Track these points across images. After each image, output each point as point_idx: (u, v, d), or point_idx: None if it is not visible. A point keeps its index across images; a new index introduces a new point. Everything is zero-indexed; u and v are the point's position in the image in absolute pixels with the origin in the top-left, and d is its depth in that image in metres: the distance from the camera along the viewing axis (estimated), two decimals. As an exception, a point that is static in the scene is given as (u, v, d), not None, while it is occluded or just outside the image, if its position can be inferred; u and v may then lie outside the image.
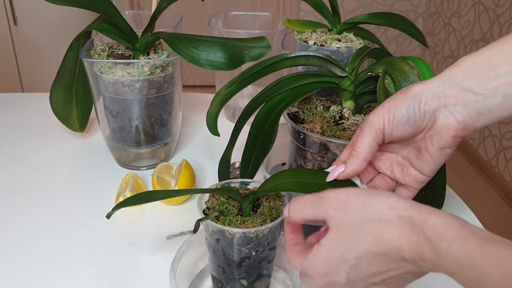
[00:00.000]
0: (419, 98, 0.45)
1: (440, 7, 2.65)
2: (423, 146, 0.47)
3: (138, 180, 0.78)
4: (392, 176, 0.51)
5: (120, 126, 0.80)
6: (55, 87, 0.85)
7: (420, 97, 0.45)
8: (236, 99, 0.98)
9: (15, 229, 0.70)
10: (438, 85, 0.45)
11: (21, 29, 2.13)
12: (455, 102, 0.44)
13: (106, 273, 0.63)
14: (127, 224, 0.71)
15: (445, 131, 0.45)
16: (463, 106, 0.44)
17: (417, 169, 0.49)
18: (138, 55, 0.77)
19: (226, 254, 0.51)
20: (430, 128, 0.46)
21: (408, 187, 0.50)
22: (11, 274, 0.62)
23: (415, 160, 0.49)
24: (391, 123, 0.46)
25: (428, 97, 0.45)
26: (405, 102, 0.45)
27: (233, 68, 0.67)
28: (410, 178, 0.49)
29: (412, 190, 0.50)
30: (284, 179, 0.50)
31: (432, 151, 0.46)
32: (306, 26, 0.86)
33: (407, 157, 0.50)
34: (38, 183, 0.80)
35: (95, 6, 0.72)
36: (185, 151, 0.91)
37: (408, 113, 0.45)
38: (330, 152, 0.61)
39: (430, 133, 0.46)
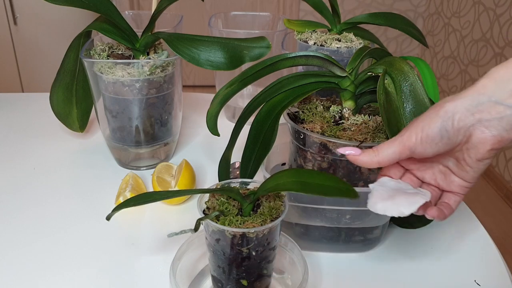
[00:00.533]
0: (452, 115, 0.45)
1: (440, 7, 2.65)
2: (460, 158, 0.48)
3: (138, 180, 0.78)
4: (437, 184, 0.52)
5: (120, 126, 0.80)
6: (55, 87, 0.85)
7: (453, 115, 0.45)
8: (236, 99, 0.98)
9: (15, 229, 0.70)
10: (471, 100, 0.45)
11: (21, 29, 2.13)
12: (489, 117, 0.44)
13: (106, 273, 0.63)
14: (127, 224, 0.71)
15: (481, 146, 0.45)
16: (497, 120, 0.44)
17: (459, 177, 0.49)
18: (138, 55, 0.78)
19: (226, 254, 0.51)
20: (466, 142, 0.46)
21: (455, 193, 0.51)
22: (11, 274, 0.62)
23: (455, 169, 0.49)
24: (424, 142, 0.47)
25: (461, 113, 0.45)
26: (438, 120, 0.46)
27: (233, 68, 0.67)
28: (454, 185, 0.50)
29: (459, 195, 0.51)
30: (284, 178, 0.50)
31: (470, 163, 0.47)
32: (306, 26, 0.86)
33: (448, 166, 0.50)
34: (38, 183, 0.80)
35: (95, 6, 0.72)
36: (185, 151, 0.91)
37: (441, 132, 0.46)
38: (330, 152, 0.61)
39: (466, 146, 0.46)
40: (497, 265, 0.66)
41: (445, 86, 2.59)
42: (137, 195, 0.52)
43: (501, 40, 2.10)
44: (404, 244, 0.69)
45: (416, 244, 0.69)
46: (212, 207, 0.52)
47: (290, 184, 0.49)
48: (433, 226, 0.72)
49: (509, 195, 2.02)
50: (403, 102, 0.56)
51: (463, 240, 0.70)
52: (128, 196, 0.73)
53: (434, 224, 0.72)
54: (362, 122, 0.62)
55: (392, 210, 0.47)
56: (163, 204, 0.75)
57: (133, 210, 0.74)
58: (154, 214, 0.73)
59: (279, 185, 0.49)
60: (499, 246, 0.70)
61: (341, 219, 0.64)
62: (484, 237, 0.71)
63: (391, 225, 0.71)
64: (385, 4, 2.80)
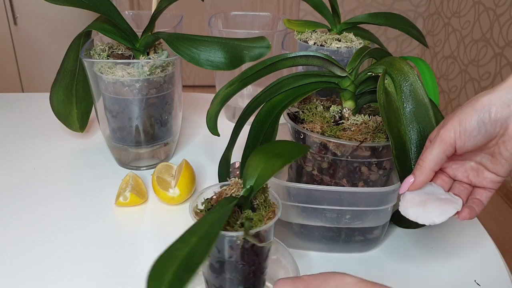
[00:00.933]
0: (488, 108, 0.47)
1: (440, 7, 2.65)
2: (496, 151, 0.49)
3: (138, 180, 0.78)
4: (469, 181, 0.53)
5: (120, 126, 0.80)
6: (55, 87, 0.85)
7: (489, 107, 0.47)
8: (236, 99, 0.98)
9: (15, 229, 0.70)
10: (506, 93, 0.46)
11: (21, 29, 2.13)
12: None
13: (106, 273, 0.63)
14: (127, 225, 0.71)
15: None
16: None
17: (492, 172, 0.51)
18: (138, 55, 0.78)
19: (235, 257, 0.49)
20: (502, 135, 0.47)
21: (486, 189, 0.52)
22: (11, 274, 0.62)
23: (489, 164, 0.51)
24: (463, 136, 0.48)
25: (497, 106, 0.46)
26: (475, 114, 0.47)
27: (233, 68, 0.67)
28: (486, 181, 0.51)
29: (490, 191, 0.52)
30: (261, 166, 0.48)
31: (506, 155, 0.48)
32: (306, 26, 0.86)
33: (481, 162, 0.52)
34: (38, 183, 0.80)
35: (95, 6, 0.72)
36: (185, 151, 0.91)
37: (479, 124, 0.47)
38: (330, 152, 0.61)
39: (503, 139, 0.48)
40: (497, 265, 0.66)
41: (445, 86, 2.59)
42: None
43: (501, 40, 2.10)
44: (404, 244, 0.69)
45: (416, 244, 0.69)
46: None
47: (268, 169, 0.47)
48: (433, 226, 0.72)
49: (509, 195, 2.02)
50: (403, 102, 0.56)
51: (463, 240, 0.70)
52: (128, 196, 0.73)
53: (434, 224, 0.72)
54: (362, 122, 0.62)
55: (424, 218, 0.48)
56: (163, 204, 0.75)
57: (133, 210, 0.74)
58: (154, 214, 0.73)
59: (265, 175, 0.47)
60: (499, 246, 0.70)
61: (341, 219, 0.64)
62: (484, 237, 0.71)
63: (391, 225, 0.71)
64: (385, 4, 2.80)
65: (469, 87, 2.35)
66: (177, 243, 0.39)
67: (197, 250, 0.38)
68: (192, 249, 0.38)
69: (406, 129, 0.55)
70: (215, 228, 0.41)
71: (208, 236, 0.40)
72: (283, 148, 0.49)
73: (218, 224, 0.42)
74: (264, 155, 0.49)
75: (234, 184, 0.52)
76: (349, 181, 0.62)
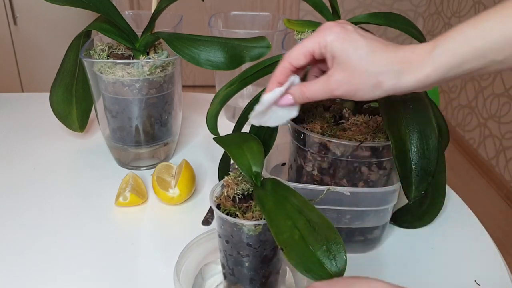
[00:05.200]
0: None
1: (440, 7, 2.65)
2: None
3: (138, 180, 0.78)
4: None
5: (120, 126, 0.80)
6: (55, 87, 0.85)
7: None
8: (236, 99, 0.98)
9: (15, 229, 0.70)
10: None
11: (21, 29, 2.13)
12: None
13: (106, 273, 0.62)
14: (127, 224, 0.71)
15: None
16: None
17: None
18: (138, 55, 0.77)
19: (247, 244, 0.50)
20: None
21: None
22: (11, 274, 0.62)
23: None
24: None
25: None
26: None
27: (233, 68, 0.67)
28: None
29: None
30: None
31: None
32: (306, 26, 0.86)
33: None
34: (38, 183, 0.80)
35: (95, 6, 0.72)
36: (185, 151, 0.91)
37: None
38: (330, 152, 0.61)
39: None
40: (497, 265, 0.65)
41: (445, 86, 2.59)
42: None
43: (501, 40, 2.10)
44: (404, 244, 0.69)
45: (416, 244, 0.69)
46: (226, 202, 0.51)
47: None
48: (433, 226, 0.72)
49: (509, 195, 2.02)
50: (403, 102, 0.56)
51: (463, 240, 0.70)
52: (128, 196, 0.73)
53: (434, 224, 0.72)
54: (362, 122, 0.62)
55: (263, 123, 0.53)
56: (163, 204, 0.75)
57: (133, 210, 0.74)
58: (154, 214, 0.73)
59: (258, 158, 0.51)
60: (499, 246, 0.70)
61: (341, 219, 0.64)
62: (484, 237, 0.71)
63: (391, 225, 0.71)
64: (385, 4, 2.80)
65: (469, 87, 2.35)
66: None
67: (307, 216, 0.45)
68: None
69: (406, 129, 0.55)
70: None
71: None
72: (236, 137, 0.54)
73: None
74: (237, 148, 0.52)
75: (230, 183, 0.52)
76: (349, 181, 0.62)
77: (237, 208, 0.51)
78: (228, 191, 0.52)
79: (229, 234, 0.51)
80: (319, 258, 0.43)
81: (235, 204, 0.51)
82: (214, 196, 0.53)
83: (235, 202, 0.52)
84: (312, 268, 0.43)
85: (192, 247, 0.59)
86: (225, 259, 0.53)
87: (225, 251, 0.53)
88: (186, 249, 0.58)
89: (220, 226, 0.51)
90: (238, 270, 0.53)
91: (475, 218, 0.74)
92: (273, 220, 0.45)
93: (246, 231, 0.49)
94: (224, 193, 0.52)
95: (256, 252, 0.51)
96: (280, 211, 0.46)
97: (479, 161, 2.24)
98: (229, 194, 0.52)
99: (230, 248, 0.51)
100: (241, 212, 0.50)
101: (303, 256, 0.43)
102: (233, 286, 0.55)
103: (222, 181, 0.53)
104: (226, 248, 0.52)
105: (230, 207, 0.51)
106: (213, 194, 0.53)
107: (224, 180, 0.53)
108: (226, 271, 0.54)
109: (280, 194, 0.49)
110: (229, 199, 0.52)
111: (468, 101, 2.35)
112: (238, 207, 0.51)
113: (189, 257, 0.59)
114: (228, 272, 0.54)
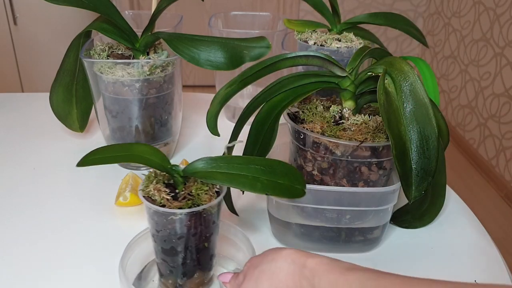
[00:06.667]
0: None
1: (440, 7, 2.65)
2: None
3: (138, 180, 0.78)
4: None
5: (120, 126, 0.80)
6: (55, 87, 0.85)
7: None
8: (236, 99, 0.98)
9: (15, 229, 0.70)
10: None
11: (21, 29, 2.13)
12: None
13: (105, 272, 0.62)
14: (127, 225, 0.71)
15: None
16: None
17: None
18: (138, 55, 0.77)
19: (177, 233, 0.53)
20: None
21: None
22: (11, 274, 0.62)
23: None
24: None
25: None
26: None
27: (233, 68, 0.67)
28: None
29: None
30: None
31: None
32: (306, 26, 0.86)
33: None
34: (38, 183, 0.80)
35: (95, 6, 0.72)
36: (185, 151, 0.90)
37: None
38: (330, 152, 0.61)
39: None
40: (497, 265, 0.65)
41: (445, 86, 2.59)
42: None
43: (501, 40, 2.10)
44: (404, 244, 0.69)
45: (416, 244, 0.69)
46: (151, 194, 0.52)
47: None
48: (433, 226, 0.72)
49: (509, 195, 2.02)
50: (403, 102, 0.56)
51: (463, 240, 0.70)
52: (128, 196, 0.73)
53: (434, 224, 0.72)
54: (362, 122, 0.62)
55: None
56: (163, 204, 0.75)
57: (133, 210, 0.74)
58: (154, 214, 0.73)
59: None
60: (499, 246, 0.70)
61: (341, 219, 0.64)
62: (484, 237, 0.71)
63: (391, 225, 0.71)
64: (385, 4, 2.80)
65: (469, 87, 2.35)
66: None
67: None
68: None
69: (406, 129, 0.55)
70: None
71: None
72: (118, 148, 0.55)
73: None
74: (137, 157, 0.54)
75: (157, 175, 0.54)
76: (349, 181, 0.62)
77: (167, 199, 0.52)
78: (155, 185, 0.53)
79: (160, 225, 0.52)
80: (291, 185, 0.56)
81: (164, 195, 0.52)
82: (141, 190, 0.53)
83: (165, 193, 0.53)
84: (294, 193, 0.57)
85: (139, 240, 0.60)
86: (158, 248, 0.55)
87: (155, 241, 0.54)
88: (133, 241, 0.60)
89: (152, 218, 0.53)
90: (171, 260, 0.55)
91: (475, 218, 0.74)
92: (236, 184, 0.52)
93: (176, 221, 0.51)
94: (152, 186, 0.53)
95: (187, 241, 0.53)
96: (232, 175, 0.53)
97: (479, 161, 2.24)
98: (158, 188, 0.52)
99: (161, 239, 0.53)
100: (169, 202, 0.51)
101: (280, 190, 0.55)
102: (167, 276, 0.57)
103: (147, 175, 0.55)
104: (157, 239, 0.54)
105: (159, 198, 0.51)
106: (140, 189, 0.53)
107: (149, 173, 0.55)
108: (160, 262, 0.56)
109: (216, 165, 0.53)
110: (161, 191, 0.52)
111: (468, 101, 2.35)
112: (166, 199, 0.52)
113: (135, 250, 0.60)
114: (161, 263, 0.56)
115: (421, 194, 0.55)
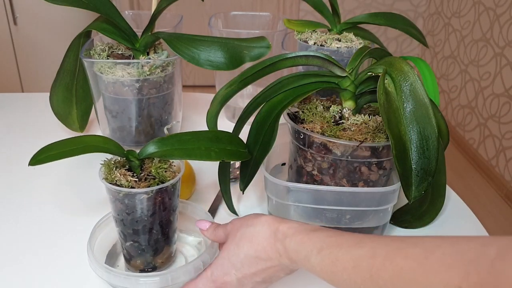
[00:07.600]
0: None
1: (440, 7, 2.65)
2: None
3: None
4: None
5: (120, 126, 0.80)
6: (55, 87, 0.85)
7: None
8: (236, 99, 0.98)
9: (15, 229, 0.70)
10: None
11: (21, 29, 2.13)
12: None
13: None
14: (127, 224, 0.71)
15: None
16: None
17: None
18: (138, 55, 0.77)
19: (144, 211, 0.55)
20: None
21: None
22: (10, 274, 0.62)
23: None
24: None
25: None
26: None
27: (233, 68, 0.67)
28: None
29: None
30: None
31: None
32: (306, 26, 0.86)
33: None
34: (37, 183, 0.80)
35: (95, 6, 0.72)
36: (185, 151, 0.90)
37: None
38: (330, 152, 0.61)
39: None
40: (497, 265, 0.65)
41: (445, 86, 2.59)
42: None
43: (501, 40, 2.10)
44: (404, 244, 0.69)
45: (416, 244, 0.69)
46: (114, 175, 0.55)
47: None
48: (433, 226, 0.72)
49: (509, 195, 2.02)
50: (403, 102, 0.56)
51: (463, 240, 0.70)
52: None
53: (434, 224, 0.72)
54: (362, 122, 0.62)
55: None
56: (163, 204, 0.75)
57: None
58: (154, 214, 0.73)
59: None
60: (499, 246, 0.70)
61: (341, 219, 0.64)
62: (484, 237, 0.71)
63: (391, 225, 0.71)
64: (385, 4, 2.80)
65: (469, 87, 2.35)
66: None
67: None
68: None
69: (406, 129, 0.55)
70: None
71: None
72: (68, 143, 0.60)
73: None
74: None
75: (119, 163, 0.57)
76: (349, 181, 0.62)
77: (134, 181, 0.54)
78: (120, 170, 0.55)
79: (130, 207, 0.54)
80: (237, 149, 0.59)
81: (131, 178, 0.54)
82: (105, 179, 0.55)
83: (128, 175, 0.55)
84: (241, 156, 0.60)
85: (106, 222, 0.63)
86: (127, 231, 0.57)
87: (125, 224, 0.56)
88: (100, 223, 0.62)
89: (122, 202, 0.54)
90: (143, 239, 0.57)
91: (475, 218, 0.74)
92: (194, 156, 0.55)
93: (148, 199, 0.54)
94: (117, 172, 0.55)
95: (159, 216, 0.56)
96: (186, 149, 0.55)
97: (479, 161, 2.24)
98: (124, 173, 0.55)
99: (132, 221, 0.55)
100: (138, 184, 0.54)
101: (230, 155, 0.58)
102: (136, 258, 0.58)
103: (106, 163, 0.57)
104: (127, 222, 0.55)
105: (127, 182, 0.53)
106: (103, 177, 0.56)
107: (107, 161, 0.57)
108: (129, 246, 0.58)
109: (169, 143, 0.55)
110: (126, 175, 0.54)
111: (468, 101, 2.35)
112: (134, 181, 0.54)
113: (102, 231, 0.63)
114: (130, 246, 0.58)
115: (421, 194, 0.55)
